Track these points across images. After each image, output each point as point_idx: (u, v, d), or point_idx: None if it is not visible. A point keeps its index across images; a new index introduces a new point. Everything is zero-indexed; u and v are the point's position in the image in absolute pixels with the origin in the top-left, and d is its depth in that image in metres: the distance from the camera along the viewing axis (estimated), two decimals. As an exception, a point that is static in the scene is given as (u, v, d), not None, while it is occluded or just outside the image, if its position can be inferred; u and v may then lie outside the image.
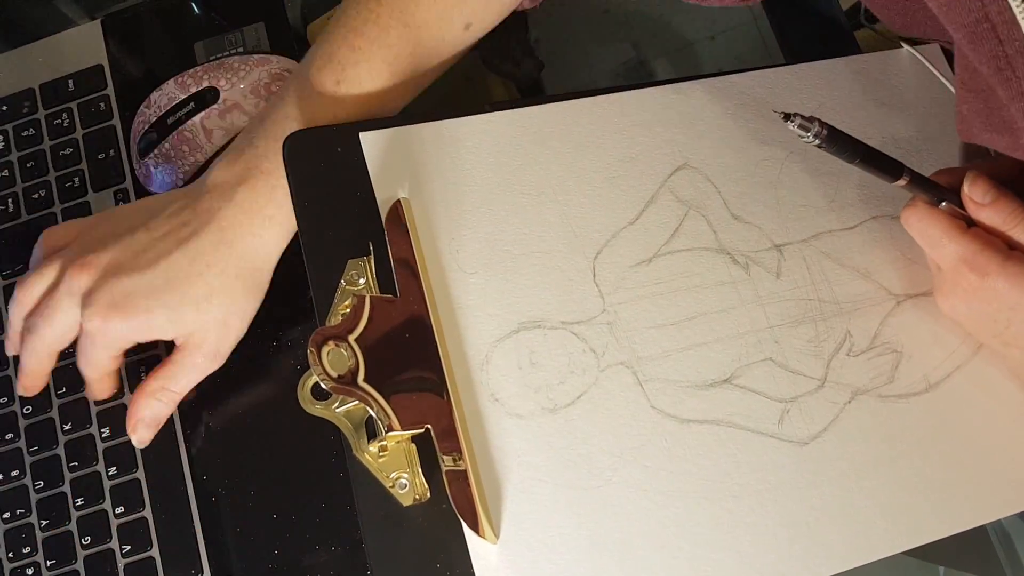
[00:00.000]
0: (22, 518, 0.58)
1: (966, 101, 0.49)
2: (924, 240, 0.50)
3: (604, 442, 0.49)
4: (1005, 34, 0.39)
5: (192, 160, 0.61)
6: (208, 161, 0.61)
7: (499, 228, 0.52)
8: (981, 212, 0.48)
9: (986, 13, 0.39)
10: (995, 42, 0.40)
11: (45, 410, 0.60)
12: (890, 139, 0.58)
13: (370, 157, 0.53)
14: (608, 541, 0.47)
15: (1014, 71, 0.40)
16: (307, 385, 0.49)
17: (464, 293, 0.51)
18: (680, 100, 0.57)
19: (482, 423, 0.48)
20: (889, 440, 0.51)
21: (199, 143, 0.60)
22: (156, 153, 0.61)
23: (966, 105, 0.49)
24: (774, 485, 0.49)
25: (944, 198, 0.49)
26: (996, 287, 0.47)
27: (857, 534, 0.49)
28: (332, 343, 0.46)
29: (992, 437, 0.52)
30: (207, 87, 0.61)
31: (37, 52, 0.70)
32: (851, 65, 0.60)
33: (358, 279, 0.50)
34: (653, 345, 0.51)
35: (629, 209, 0.54)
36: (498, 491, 0.47)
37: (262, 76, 0.61)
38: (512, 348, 0.50)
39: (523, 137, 0.55)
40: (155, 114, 0.61)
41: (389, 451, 0.47)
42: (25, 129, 0.67)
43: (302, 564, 0.55)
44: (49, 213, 0.65)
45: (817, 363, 0.52)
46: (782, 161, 0.56)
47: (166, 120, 0.61)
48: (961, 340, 0.53)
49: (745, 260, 0.54)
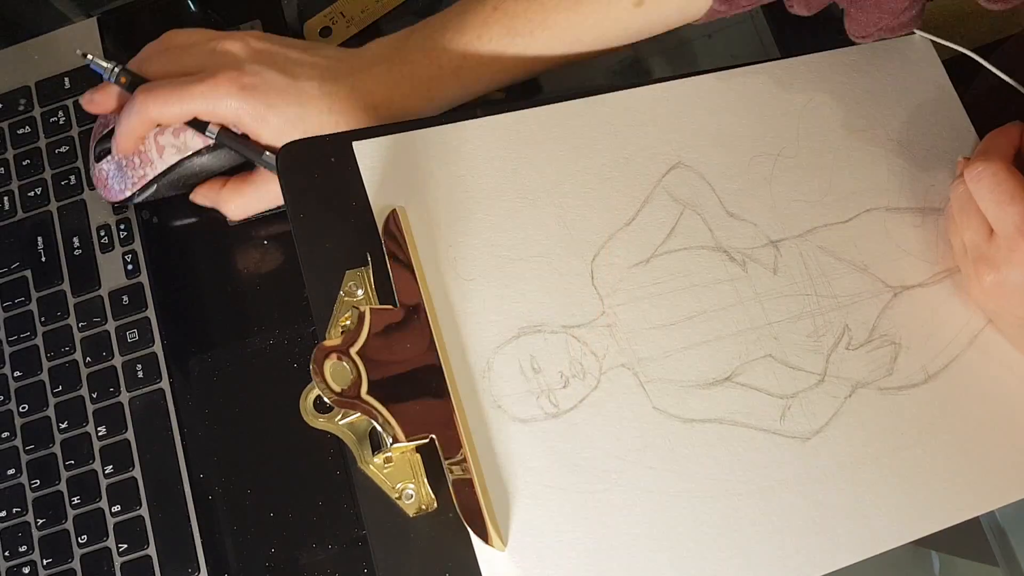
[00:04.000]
0: (18, 516, 0.58)
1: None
2: (990, 199, 0.48)
3: (608, 445, 0.49)
4: None
5: (142, 173, 0.60)
6: (158, 177, 0.60)
7: (496, 233, 0.52)
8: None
9: None
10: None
11: (41, 408, 0.60)
12: (882, 131, 0.58)
13: (364, 166, 0.52)
14: (615, 544, 0.47)
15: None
16: (309, 398, 0.49)
17: (463, 300, 0.51)
18: (671, 98, 0.57)
19: (486, 430, 0.48)
20: (890, 432, 0.51)
21: (150, 158, 0.59)
22: (110, 159, 0.60)
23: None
24: (778, 481, 0.49)
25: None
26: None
27: (862, 527, 0.49)
28: (334, 357, 0.46)
29: (992, 425, 0.52)
30: None
31: (33, 49, 0.70)
32: (841, 58, 0.60)
33: (356, 290, 0.50)
34: (653, 346, 0.51)
35: (625, 210, 0.54)
36: (504, 498, 0.47)
37: None
38: (513, 354, 0.50)
39: (517, 140, 0.54)
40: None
41: (394, 462, 0.47)
42: (21, 126, 0.67)
43: (299, 562, 0.55)
44: (45, 211, 0.65)
45: (817, 358, 0.52)
46: (775, 157, 0.56)
47: None
48: (959, 330, 0.54)
49: (742, 257, 0.54)
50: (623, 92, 0.57)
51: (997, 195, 0.48)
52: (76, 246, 0.64)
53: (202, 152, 0.59)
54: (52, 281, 0.63)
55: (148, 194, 0.61)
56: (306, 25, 0.69)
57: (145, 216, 0.64)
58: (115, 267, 0.63)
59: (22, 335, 0.62)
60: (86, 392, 0.60)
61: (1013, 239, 0.48)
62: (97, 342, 0.61)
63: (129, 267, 0.63)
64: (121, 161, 0.60)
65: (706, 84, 0.58)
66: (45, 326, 0.62)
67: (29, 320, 0.62)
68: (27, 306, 0.63)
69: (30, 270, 0.64)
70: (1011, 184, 0.48)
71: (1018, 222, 0.47)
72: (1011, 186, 0.48)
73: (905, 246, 0.55)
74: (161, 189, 0.61)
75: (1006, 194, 0.48)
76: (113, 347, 0.61)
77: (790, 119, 0.57)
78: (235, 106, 0.56)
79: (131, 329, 0.61)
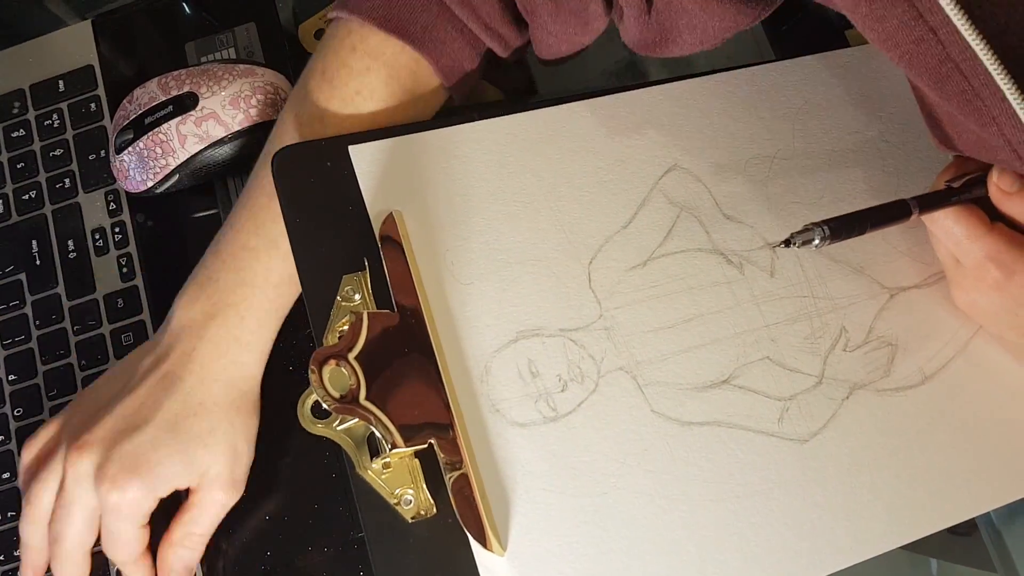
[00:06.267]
0: (13, 521, 0.58)
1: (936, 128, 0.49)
2: (948, 239, 0.50)
3: (607, 448, 0.49)
4: (968, 70, 0.40)
5: (164, 163, 0.60)
6: (179, 166, 0.60)
7: (493, 237, 0.52)
8: (1008, 201, 0.48)
9: (948, 54, 0.40)
10: (960, 79, 0.41)
11: (36, 413, 0.60)
12: (877, 132, 0.58)
13: (360, 170, 0.52)
14: (615, 548, 0.47)
15: (983, 101, 0.41)
16: (307, 404, 0.49)
17: (461, 304, 0.50)
18: (667, 101, 0.57)
19: (485, 435, 0.48)
20: (888, 433, 0.51)
21: (172, 147, 0.60)
22: (131, 151, 0.61)
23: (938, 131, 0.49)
24: (777, 484, 0.49)
25: (957, 199, 0.49)
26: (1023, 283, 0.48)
27: (861, 529, 0.49)
28: (332, 362, 0.46)
29: (988, 425, 0.52)
30: (187, 92, 0.61)
31: (27, 52, 0.69)
32: (835, 60, 0.60)
33: (354, 295, 0.49)
34: (651, 349, 0.51)
35: (622, 213, 0.54)
36: (503, 503, 0.47)
37: (243, 88, 0.61)
38: (511, 358, 0.50)
39: (513, 144, 0.54)
40: (135, 111, 0.61)
41: (392, 467, 0.47)
42: (15, 130, 0.67)
43: (294, 565, 0.55)
44: (39, 214, 0.65)
45: (814, 360, 0.52)
46: (771, 159, 0.56)
47: (144, 119, 0.61)
48: (954, 331, 0.54)
49: (739, 260, 0.54)
50: (619, 95, 0.57)
51: (953, 235, 0.49)
52: (71, 249, 0.64)
53: (225, 140, 0.60)
54: (47, 285, 0.63)
55: (170, 184, 0.61)
56: (301, 28, 0.69)
57: (140, 219, 0.64)
58: (110, 270, 0.63)
59: (17, 339, 0.62)
60: (82, 396, 0.60)
61: (977, 271, 0.50)
62: (92, 346, 0.61)
63: (124, 270, 0.63)
64: (143, 152, 0.60)
65: (703, 86, 0.58)
66: (40, 330, 0.62)
67: (24, 324, 0.62)
68: (22, 310, 0.63)
69: (25, 274, 0.64)
70: (966, 222, 0.49)
71: (979, 257, 0.49)
72: (966, 224, 0.49)
73: (901, 248, 0.55)
74: (183, 179, 0.61)
75: (962, 232, 0.49)
76: (108, 351, 0.61)
77: (786, 121, 0.57)
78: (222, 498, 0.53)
79: (126, 332, 0.61)
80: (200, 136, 0.60)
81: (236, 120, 0.60)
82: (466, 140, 0.54)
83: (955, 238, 0.49)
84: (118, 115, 0.63)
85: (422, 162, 0.53)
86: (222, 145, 0.60)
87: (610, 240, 0.53)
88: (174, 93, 0.61)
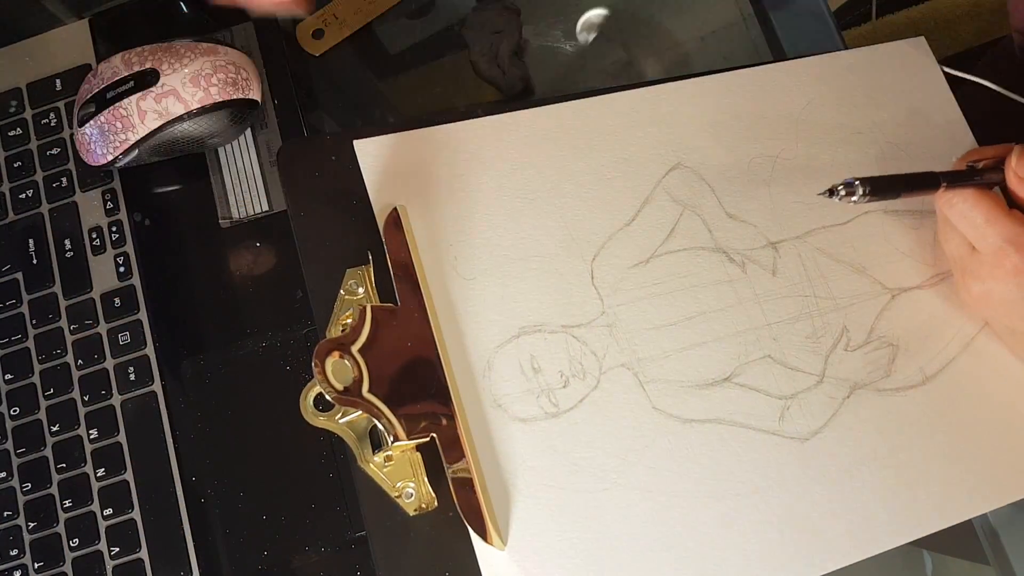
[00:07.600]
0: (9, 520, 0.57)
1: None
2: (965, 223, 0.50)
3: (608, 444, 0.49)
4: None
5: (124, 138, 0.60)
6: (139, 142, 0.60)
7: (496, 233, 0.52)
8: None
9: None
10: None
11: (32, 412, 0.59)
12: (879, 133, 0.58)
13: (365, 165, 0.52)
14: (615, 543, 0.47)
15: None
16: (309, 396, 0.49)
17: (464, 299, 0.50)
18: (672, 100, 0.57)
19: (486, 429, 0.48)
20: (888, 433, 0.51)
21: (132, 123, 0.59)
22: (92, 124, 0.60)
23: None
24: (777, 482, 0.49)
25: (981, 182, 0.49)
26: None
27: (860, 528, 0.49)
28: (336, 354, 0.45)
29: (989, 426, 0.52)
30: (149, 68, 0.60)
31: (24, 51, 0.69)
32: (839, 60, 0.60)
33: (357, 288, 0.49)
34: (653, 346, 0.51)
35: (625, 210, 0.54)
36: (504, 497, 0.47)
37: (204, 66, 0.60)
38: (514, 353, 0.50)
39: (517, 141, 0.55)
40: (97, 86, 0.61)
41: (394, 461, 0.47)
42: (12, 128, 0.67)
43: (291, 565, 0.55)
44: (36, 213, 0.64)
45: (815, 359, 0.52)
46: (775, 158, 0.57)
47: (106, 94, 0.60)
48: (955, 332, 0.54)
49: (741, 258, 0.54)
50: (625, 93, 0.57)
51: (971, 219, 0.49)
52: (68, 248, 0.63)
53: (183, 118, 0.60)
54: (43, 283, 0.63)
55: (130, 159, 0.61)
56: (299, 27, 0.69)
57: (137, 219, 0.64)
58: (107, 269, 0.63)
59: (13, 338, 0.62)
60: (78, 395, 0.59)
61: (995, 256, 0.49)
62: (89, 345, 0.61)
63: (121, 269, 0.62)
64: (104, 126, 0.60)
65: (707, 85, 0.58)
66: (36, 329, 0.61)
67: (20, 323, 0.62)
68: (18, 308, 0.62)
69: (21, 272, 0.63)
70: (984, 206, 0.49)
71: (997, 241, 0.49)
72: (985, 208, 0.49)
73: (903, 248, 0.56)
74: (143, 154, 0.61)
75: (980, 216, 0.49)
76: (105, 350, 0.61)
77: (790, 121, 0.58)
78: None
79: (123, 332, 0.61)
80: (159, 112, 0.59)
81: (195, 98, 0.59)
82: (471, 136, 0.54)
83: (972, 222, 0.49)
84: (82, 88, 0.62)
85: (426, 158, 0.53)
86: (181, 122, 0.60)
87: (613, 237, 0.53)
88: (135, 69, 0.60)
